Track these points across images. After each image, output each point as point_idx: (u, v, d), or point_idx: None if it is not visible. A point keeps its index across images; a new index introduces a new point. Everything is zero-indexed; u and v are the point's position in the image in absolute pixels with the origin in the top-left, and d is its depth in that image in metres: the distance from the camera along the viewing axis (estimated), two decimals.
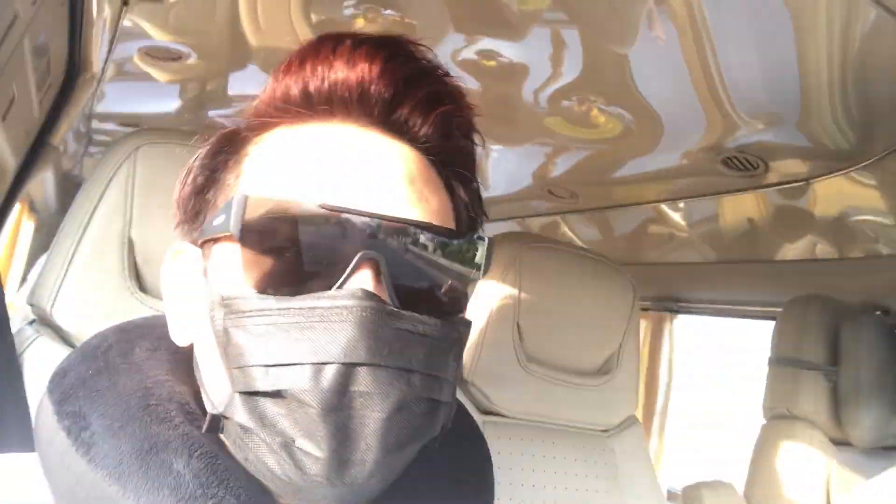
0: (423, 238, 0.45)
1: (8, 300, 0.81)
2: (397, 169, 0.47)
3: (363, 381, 0.41)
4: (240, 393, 0.43)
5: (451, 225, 0.50)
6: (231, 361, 0.43)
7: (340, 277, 0.42)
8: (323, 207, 0.43)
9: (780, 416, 1.36)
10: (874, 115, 1.00)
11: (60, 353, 0.75)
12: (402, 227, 0.44)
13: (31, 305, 0.79)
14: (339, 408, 0.40)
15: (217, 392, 0.45)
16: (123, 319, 0.61)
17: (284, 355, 0.41)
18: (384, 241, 0.43)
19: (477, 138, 0.54)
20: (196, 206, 0.51)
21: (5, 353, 0.74)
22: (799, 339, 1.36)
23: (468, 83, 1.13)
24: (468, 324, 0.50)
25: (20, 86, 1.36)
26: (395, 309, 0.43)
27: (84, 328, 0.76)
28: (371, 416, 0.41)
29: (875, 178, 1.18)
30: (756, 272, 1.71)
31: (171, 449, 0.43)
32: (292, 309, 0.42)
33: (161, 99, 1.75)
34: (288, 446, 0.41)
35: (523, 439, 1.06)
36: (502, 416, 1.06)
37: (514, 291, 1.05)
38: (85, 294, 0.77)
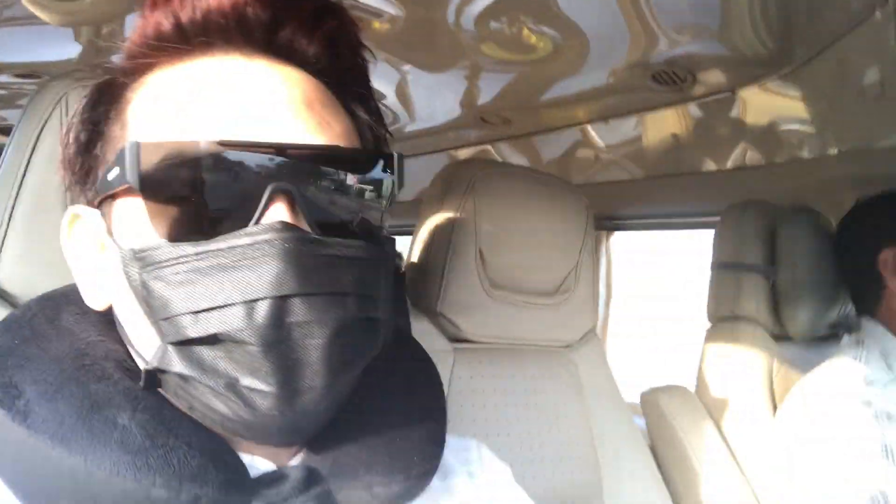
0: (333, 161, 0.44)
1: None
2: (292, 95, 0.45)
3: (298, 311, 0.40)
4: (172, 344, 0.42)
5: (358, 146, 0.50)
6: (156, 314, 0.42)
7: (255, 214, 0.42)
8: (222, 144, 0.41)
9: (724, 319, 1.43)
10: (792, 24, 1.03)
11: None
12: (310, 154, 0.43)
13: None
14: (278, 341, 0.40)
15: (147, 347, 0.44)
16: (72, 279, 0.58)
17: (212, 299, 0.40)
18: (293, 170, 0.42)
19: (367, 55, 0.52)
20: (85, 165, 0.49)
21: None
22: (739, 243, 1.42)
23: (388, 9, 1.09)
24: (392, 241, 0.50)
25: None
26: (317, 237, 0.42)
27: (32, 289, 0.71)
28: (312, 344, 0.41)
29: (796, 85, 1.21)
30: (689, 184, 1.76)
31: (114, 405, 0.42)
32: (210, 251, 0.41)
33: (56, 45, 1.63)
34: (233, 386, 0.41)
35: (492, 362, 1.07)
36: (471, 341, 1.07)
37: (473, 219, 1.04)
38: (30, 253, 0.71)
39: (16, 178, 0.71)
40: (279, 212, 0.42)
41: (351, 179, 0.45)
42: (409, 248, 1.12)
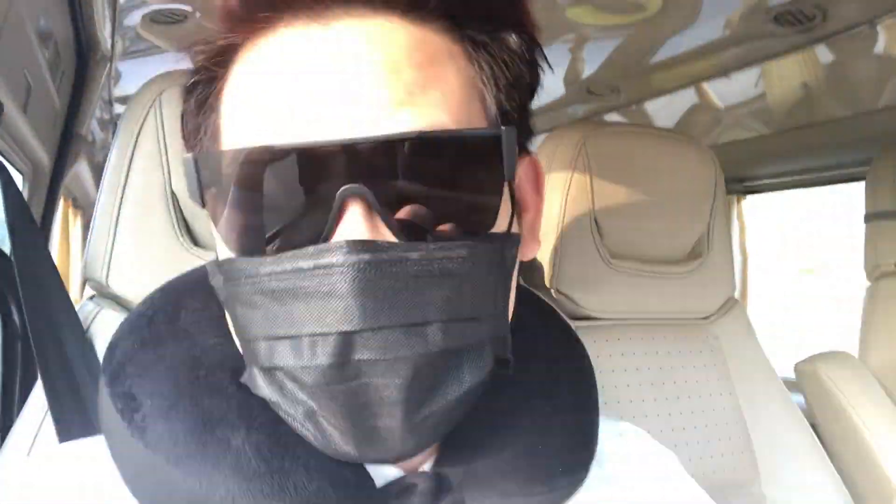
0: (417, 149, 0.36)
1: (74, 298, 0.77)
2: (373, 65, 0.36)
3: (367, 348, 0.34)
4: (254, 366, 0.39)
5: (475, 107, 0.40)
6: (238, 332, 0.40)
7: (326, 225, 0.35)
8: (272, 149, 0.35)
9: (887, 274, 1.26)
10: None
11: None
12: (388, 147, 0.35)
13: (87, 280, 0.75)
14: (342, 380, 0.35)
15: (244, 360, 0.41)
16: None
17: (280, 327, 0.36)
18: (366, 168, 0.35)
19: None
20: None
21: (75, 337, 0.70)
22: None
23: None
24: (510, 237, 0.41)
25: (34, 74, 1.32)
26: (397, 252, 0.35)
27: (143, 291, 0.71)
28: (384, 384, 0.35)
29: None
30: (827, 134, 1.59)
31: (227, 423, 0.40)
32: (276, 273, 0.35)
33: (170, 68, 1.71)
34: (312, 416, 0.38)
35: (620, 339, 0.99)
36: (594, 318, 0.99)
37: (587, 186, 0.96)
38: (138, 257, 0.71)
39: (118, 187, 0.72)
40: (351, 224, 0.35)
41: (446, 168, 0.37)
42: None
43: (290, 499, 0.38)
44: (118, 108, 2.04)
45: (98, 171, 2.43)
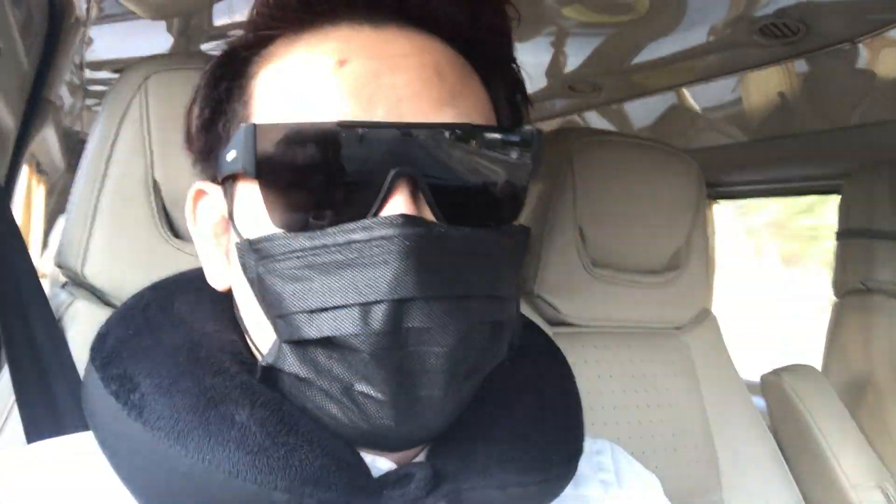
0: (462, 141, 0.40)
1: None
2: (422, 66, 0.41)
3: (417, 316, 0.37)
4: (287, 343, 0.39)
5: (492, 121, 0.45)
6: (272, 310, 0.40)
7: (375, 202, 0.38)
8: (341, 126, 0.38)
9: (854, 291, 1.29)
10: None
11: (100, 314, 0.68)
12: (437, 134, 0.39)
13: (60, 267, 0.72)
14: (393, 348, 0.37)
15: (264, 342, 0.42)
16: (160, 269, 0.56)
17: (327, 298, 0.37)
18: (418, 152, 0.39)
19: (511, 11, 0.47)
20: (208, 143, 0.46)
21: (46, 325, 0.68)
22: (870, 207, 1.27)
23: None
24: (526, 231, 0.45)
25: (4, 36, 1.26)
26: (443, 230, 0.38)
27: (120, 284, 0.69)
28: (430, 352, 0.37)
29: None
30: (801, 146, 1.61)
31: (231, 400, 0.40)
32: (326, 246, 0.38)
33: (149, 39, 1.66)
34: (349, 391, 0.38)
35: (596, 346, 1.00)
36: (572, 325, 0.99)
37: (572, 193, 0.96)
38: (115, 247, 0.69)
39: (98, 173, 0.69)
40: (401, 201, 0.38)
41: (484, 160, 0.41)
42: None
43: (294, 474, 0.38)
44: (88, 74, 1.98)
45: (66, 137, 2.35)
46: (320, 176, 0.39)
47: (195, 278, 0.49)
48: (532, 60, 1.57)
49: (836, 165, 1.52)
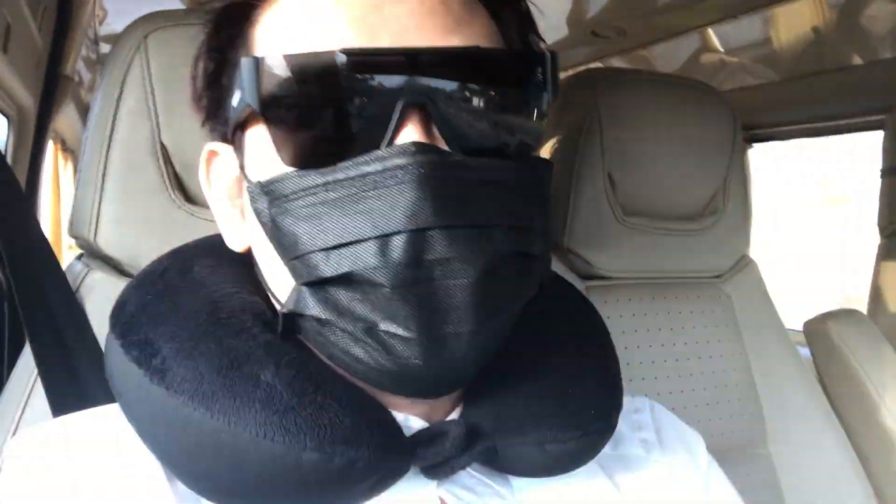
0: (473, 66, 0.38)
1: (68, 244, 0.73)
2: None
3: (438, 246, 0.35)
4: (306, 285, 0.38)
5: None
6: (288, 253, 0.39)
7: (387, 133, 0.37)
8: (345, 53, 0.36)
9: None
10: None
11: (116, 283, 0.67)
12: (448, 58, 0.38)
13: (74, 238, 0.70)
14: (416, 281, 0.35)
15: (283, 290, 0.41)
16: (174, 235, 0.55)
17: (343, 233, 0.36)
18: (427, 80, 0.37)
19: None
20: (214, 97, 0.45)
21: (64, 297, 0.66)
22: None
23: None
24: (548, 164, 0.43)
25: (13, 12, 1.24)
26: (460, 158, 0.37)
27: (134, 252, 0.67)
28: (456, 284, 0.36)
29: None
30: (839, 81, 1.53)
31: (255, 360, 0.39)
32: (339, 181, 0.37)
33: (161, 5, 1.63)
34: (372, 331, 0.37)
35: (631, 299, 0.96)
36: (606, 277, 0.96)
37: (599, 139, 0.91)
38: (127, 215, 0.67)
39: (103, 140, 0.66)
40: (412, 131, 0.37)
41: (497, 86, 0.39)
42: None
43: (325, 434, 0.37)
44: (105, 48, 1.96)
45: (86, 113, 2.35)
46: (327, 108, 0.38)
47: (215, 243, 0.48)
48: (554, 6, 1.51)
49: (878, 100, 1.44)
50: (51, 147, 1.83)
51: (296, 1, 0.41)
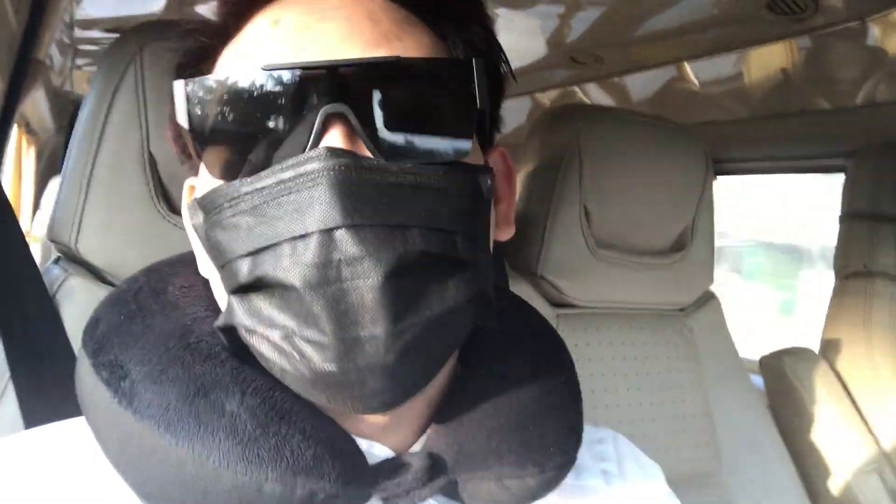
0: (395, 76, 0.39)
1: (25, 230, 0.72)
2: (353, 14, 0.41)
3: (346, 245, 0.35)
4: (232, 293, 0.39)
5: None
6: (216, 263, 0.39)
7: (308, 143, 0.37)
8: (265, 69, 0.38)
9: (855, 274, 1.28)
10: None
11: (95, 292, 0.66)
12: (368, 68, 0.38)
13: (53, 242, 0.69)
14: (326, 282, 0.35)
15: (223, 303, 0.41)
16: (156, 246, 0.55)
17: (258, 239, 0.37)
18: (348, 91, 0.38)
19: None
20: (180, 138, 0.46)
21: (41, 302, 0.66)
22: (875, 190, 1.25)
23: None
24: (484, 169, 0.43)
25: None
26: (374, 161, 0.37)
27: (115, 261, 0.67)
28: (367, 284, 0.35)
29: None
30: (804, 124, 1.58)
31: (222, 387, 0.39)
32: (258, 189, 0.37)
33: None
34: (290, 338, 0.37)
35: (599, 328, 0.98)
36: (576, 306, 0.98)
37: (578, 173, 0.94)
38: (110, 222, 0.66)
39: (91, 145, 0.66)
40: (332, 138, 0.37)
41: (421, 96, 0.40)
42: None
43: (287, 465, 0.37)
44: (78, 33, 1.92)
45: (55, 97, 2.30)
46: (252, 122, 0.38)
47: (192, 261, 0.48)
48: (535, 29, 1.53)
49: (841, 145, 1.50)
50: (14, 130, 1.79)
51: (247, 33, 0.43)
